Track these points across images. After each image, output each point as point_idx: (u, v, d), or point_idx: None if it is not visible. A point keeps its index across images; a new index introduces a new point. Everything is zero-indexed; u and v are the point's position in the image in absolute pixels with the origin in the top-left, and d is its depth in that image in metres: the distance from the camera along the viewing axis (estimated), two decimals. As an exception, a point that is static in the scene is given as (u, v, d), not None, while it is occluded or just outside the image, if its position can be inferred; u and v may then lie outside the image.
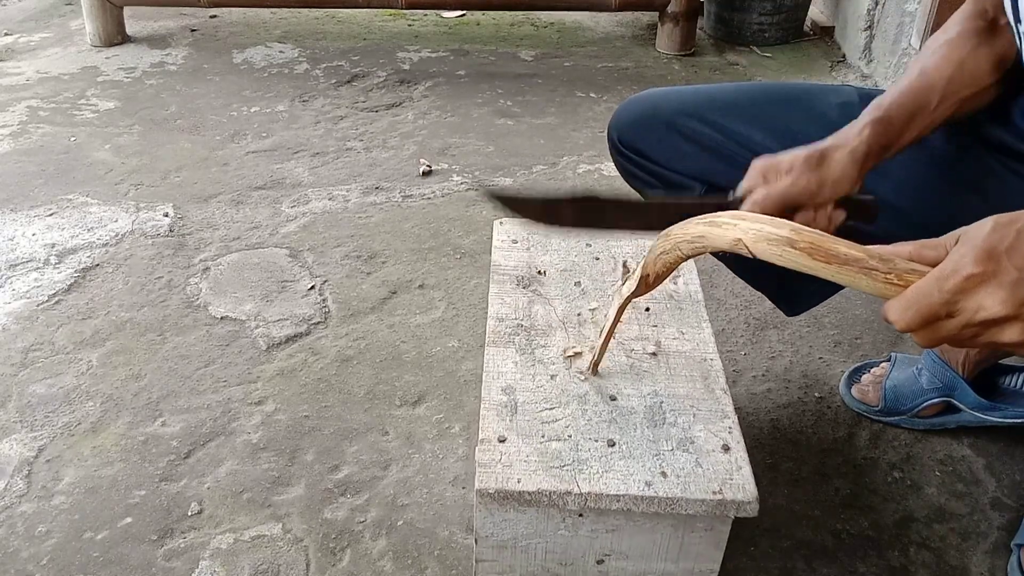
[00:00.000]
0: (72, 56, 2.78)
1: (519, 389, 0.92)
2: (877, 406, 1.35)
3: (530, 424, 0.88)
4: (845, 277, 0.64)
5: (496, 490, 0.81)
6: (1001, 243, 0.59)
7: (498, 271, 1.10)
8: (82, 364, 1.48)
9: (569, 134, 2.32)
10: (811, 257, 0.65)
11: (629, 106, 1.20)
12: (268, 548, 1.16)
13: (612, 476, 0.82)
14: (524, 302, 1.05)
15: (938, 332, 0.61)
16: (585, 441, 0.86)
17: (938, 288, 0.60)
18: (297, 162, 2.16)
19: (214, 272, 1.73)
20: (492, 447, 0.85)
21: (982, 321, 0.59)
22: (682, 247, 0.75)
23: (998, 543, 1.18)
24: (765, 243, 0.67)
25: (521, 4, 2.91)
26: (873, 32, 2.61)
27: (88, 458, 1.29)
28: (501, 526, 0.88)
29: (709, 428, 0.88)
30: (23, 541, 1.16)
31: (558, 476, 0.82)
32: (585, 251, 1.15)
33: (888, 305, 0.63)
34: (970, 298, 0.59)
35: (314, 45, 2.89)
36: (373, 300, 1.65)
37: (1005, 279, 0.58)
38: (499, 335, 0.99)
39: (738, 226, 0.69)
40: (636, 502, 0.81)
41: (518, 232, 1.18)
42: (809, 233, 0.65)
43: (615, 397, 0.91)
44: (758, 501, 0.81)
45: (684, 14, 2.77)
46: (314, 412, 1.38)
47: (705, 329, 1.02)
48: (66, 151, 2.20)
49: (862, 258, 0.63)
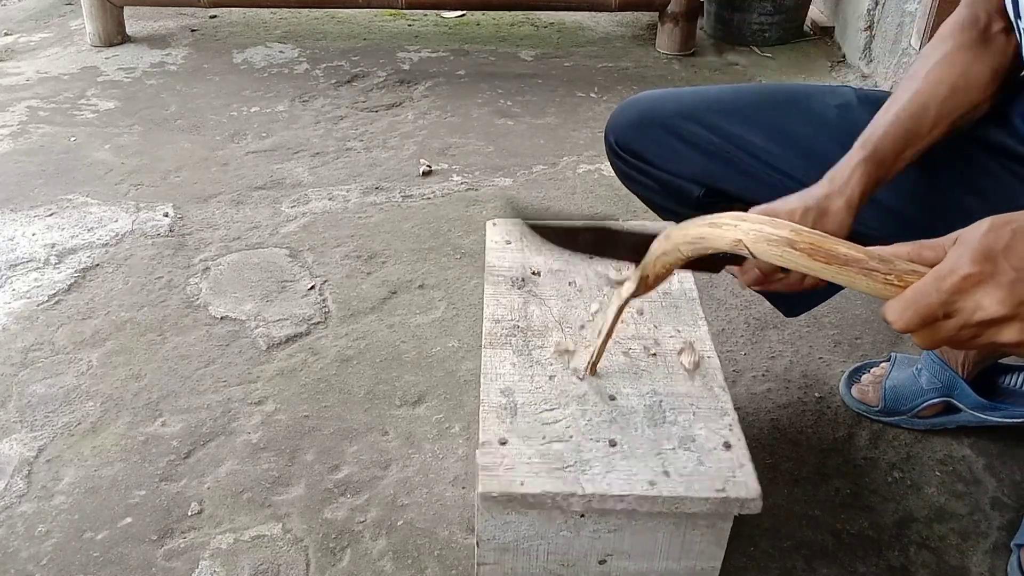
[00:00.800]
0: (72, 56, 2.78)
1: (518, 391, 0.91)
2: (877, 406, 1.35)
3: (531, 426, 0.87)
4: (845, 278, 0.64)
5: (500, 493, 0.81)
6: (997, 243, 0.59)
7: (493, 272, 1.10)
8: (82, 364, 1.48)
9: (569, 134, 2.32)
10: (811, 258, 0.65)
11: (626, 109, 1.19)
12: (268, 548, 1.16)
13: (615, 476, 0.82)
14: (520, 303, 1.04)
15: (937, 333, 0.62)
16: (586, 442, 0.86)
17: (936, 288, 0.60)
18: (297, 162, 2.16)
19: (214, 272, 1.73)
20: (493, 450, 0.85)
21: (980, 321, 0.59)
22: (682, 248, 0.76)
23: (998, 543, 1.18)
24: (765, 244, 0.67)
25: (521, 4, 2.91)
26: (873, 32, 2.61)
27: (88, 458, 1.29)
28: (503, 529, 0.87)
29: (709, 426, 0.88)
30: (23, 541, 1.16)
31: (561, 478, 0.82)
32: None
33: (887, 305, 0.63)
34: (968, 298, 0.59)
35: (314, 45, 2.89)
36: (373, 300, 1.65)
37: (1002, 279, 0.58)
38: (496, 336, 0.99)
39: (738, 227, 0.69)
40: (640, 502, 0.81)
41: (511, 232, 1.17)
42: (809, 234, 0.66)
43: (614, 397, 0.91)
44: (761, 498, 0.81)
45: (684, 14, 2.78)
46: (314, 412, 1.38)
47: (701, 327, 1.02)
48: (66, 151, 2.20)
49: (862, 259, 0.64)
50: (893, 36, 2.48)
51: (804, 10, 2.95)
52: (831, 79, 2.70)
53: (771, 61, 2.84)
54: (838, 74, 2.73)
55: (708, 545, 0.88)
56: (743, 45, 2.94)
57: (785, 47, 2.92)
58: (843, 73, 2.73)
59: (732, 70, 2.78)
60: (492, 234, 1.18)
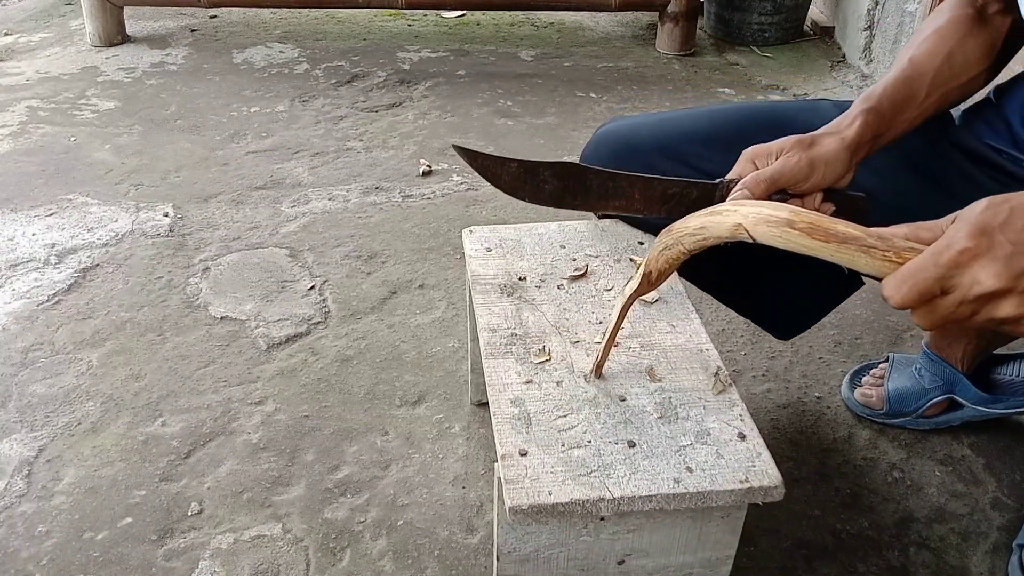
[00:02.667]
0: (72, 56, 2.78)
1: (528, 399, 0.90)
2: (881, 409, 1.35)
3: (547, 434, 0.86)
4: (844, 256, 0.65)
5: (530, 506, 0.79)
6: (995, 219, 0.60)
7: (479, 281, 1.08)
8: (82, 364, 1.48)
9: (569, 134, 2.33)
10: (810, 237, 0.65)
11: (600, 146, 1.14)
12: (268, 548, 1.16)
13: (640, 477, 0.81)
14: (512, 310, 1.03)
15: (936, 310, 0.62)
16: (605, 445, 0.85)
17: (934, 263, 0.60)
18: (297, 162, 2.16)
19: (214, 272, 1.73)
20: (515, 462, 0.83)
21: (978, 296, 0.59)
22: (684, 241, 0.75)
23: (998, 543, 1.18)
24: (765, 225, 0.67)
25: (521, 4, 2.91)
26: (873, 32, 2.61)
27: (88, 458, 1.29)
28: (524, 540, 0.87)
29: (721, 418, 0.88)
30: (23, 541, 1.16)
31: (587, 484, 0.81)
32: (560, 253, 1.12)
33: (885, 281, 0.63)
34: (965, 273, 0.59)
35: (314, 45, 2.89)
36: (373, 300, 1.65)
37: (999, 252, 0.59)
38: (495, 347, 0.98)
39: (737, 211, 0.70)
40: (668, 500, 0.81)
41: (490, 239, 1.15)
42: (807, 214, 0.66)
43: (624, 397, 0.91)
44: (783, 485, 0.82)
45: (684, 14, 2.78)
46: (314, 412, 1.38)
47: (694, 320, 1.02)
48: (66, 151, 2.20)
49: (861, 236, 0.64)
50: (893, 36, 2.48)
51: (804, 10, 2.95)
52: (831, 79, 2.70)
53: (771, 61, 2.84)
54: (838, 74, 2.73)
55: (724, 535, 0.89)
56: (743, 45, 2.94)
57: (785, 47, 2.92)
58: (843, 73, 2.73)
59: (732, 70, 2.78)
60: (471, 242, 1.15)
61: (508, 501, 0.80)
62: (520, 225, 1.18)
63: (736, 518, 0.87)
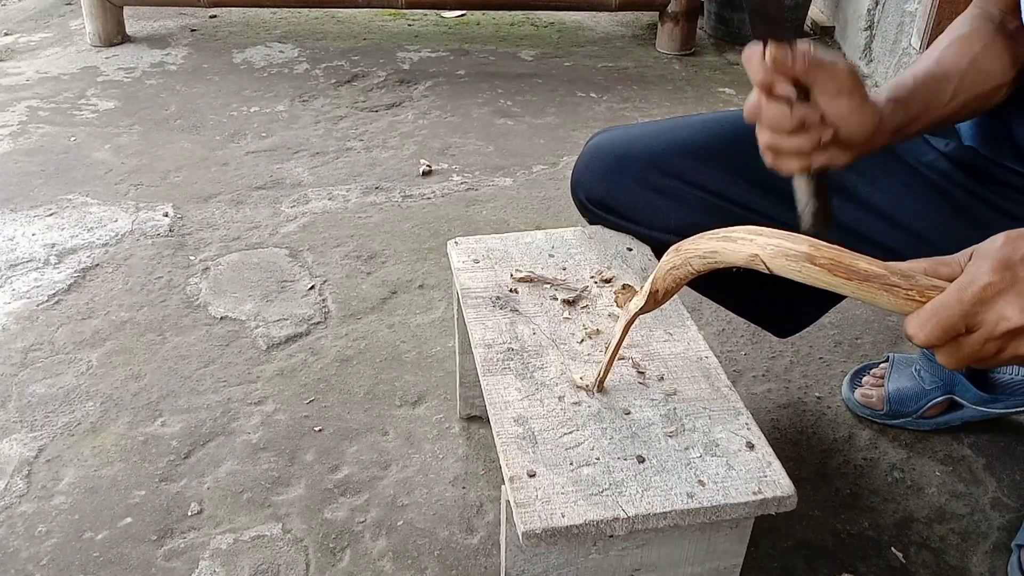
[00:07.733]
0: (72, 56, 2.78)
1: (531, 417, 0.87)
2: (882, 410, 1.35)
3: (554, 452, 0.83)
4: (866, 294, 0.63)
5: (543, 530, 0.76)
6: (1015, 254, 0.59)
7: (469, 295, 1.04)
8: (82, 364, 1.48)
9: (569, 134, 2.32)
10: (831, 273, 0.63)
11: (591, 161, 1.11)
12: (268, 548, 1.15)
13: (653, 494, 0.79)
14: (506, 324, 1.00)
15: (961, 348, 0.61)
16: (614, 461, 0.82)
17: (958, 299, 0.59)
18: (297, 162, 2.16)
19: (214, 272, 1.72)
20: (524, 484, 0.80)
21: (1004, 332, 0.59)
22: (693, 263, 0.73)
23: (998, 543, 1.18)
24: (783, 259, 0.65)
25: (521, 4, 2.90)
26: (873, 32, 2.61)
27: (88, 458, 1.29)
28: (532, 561, 0.84)
29: (728, 428, 0.86)
30: (23, 541, 1.16)
31: (600, 503, 0.78)
32: (549, 261, 1.10)
33: (908, 320, 0.61)
34: (990, 309, 0.59)
35: (314, 45, 2.89)
36: (373, 300, 1.65)
37: (1023, 288, 0.58)
38: (492, 363, 0.94)
39: (755, 241, 0.67)
40: (683, 516, 0.78)
41: (476, 250, 1.12)
42: (828, 249, 0.64)
43: (628, 411, 0.88)
44: (796, 494, 0.80)
45: (684, 14, 2.77)
46: (314, 412, 1.38)
47: (691, 327, 1.00)
48: (66, 151, 2.19)
49: (883, 274, 0.62)
50: (893, 36, 2.48)
51: (804, 10, 2.95)
52: (831, 79, 2.70)
53: (771, 61, 2.84)
54: (838, 74, 2.73)
55: (732, 544, 0.87)
56: (743, 45, 2.93)
57: (785, 47, 2.92)
58: (843, 73, 2.72)
59: (732, 70, 2.77)
60: (457, 255, 1.12)
61: (521, 526, 0.76)
62: (507, 235, 1.16)
63: (745, 527, 0.86)
